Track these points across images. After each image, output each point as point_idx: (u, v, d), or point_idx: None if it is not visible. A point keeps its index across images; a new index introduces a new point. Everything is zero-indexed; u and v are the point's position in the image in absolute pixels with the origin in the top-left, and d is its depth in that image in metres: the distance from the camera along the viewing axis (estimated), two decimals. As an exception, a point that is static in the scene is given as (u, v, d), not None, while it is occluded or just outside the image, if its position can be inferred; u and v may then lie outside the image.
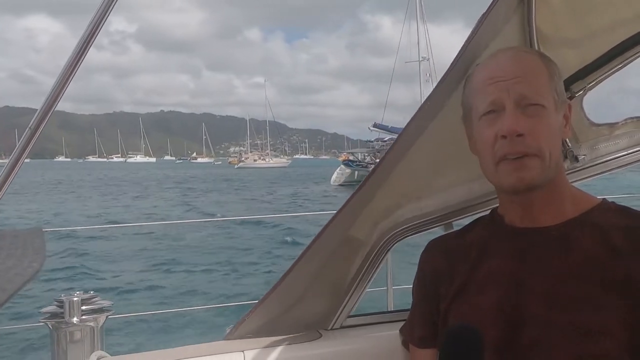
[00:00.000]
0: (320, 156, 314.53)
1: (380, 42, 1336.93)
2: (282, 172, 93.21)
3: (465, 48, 1.37)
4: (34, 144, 1.15)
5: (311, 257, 1.56)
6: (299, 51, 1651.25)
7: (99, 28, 1.16)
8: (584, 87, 1.49)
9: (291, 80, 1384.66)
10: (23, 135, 1.16)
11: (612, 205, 1.24)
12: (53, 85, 1.16)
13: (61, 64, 1.15)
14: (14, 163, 1.14)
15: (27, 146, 1.14)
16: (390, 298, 3.16)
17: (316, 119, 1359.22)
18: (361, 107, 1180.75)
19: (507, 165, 1.17)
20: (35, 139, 1.15)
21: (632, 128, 1.54)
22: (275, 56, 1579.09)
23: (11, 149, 1.17)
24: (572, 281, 1.13)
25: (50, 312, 1.46)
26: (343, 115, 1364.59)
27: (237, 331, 1.60)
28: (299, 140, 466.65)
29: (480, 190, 1.53)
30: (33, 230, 0.76)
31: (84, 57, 1.16)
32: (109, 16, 1.17)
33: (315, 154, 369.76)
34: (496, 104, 1.18)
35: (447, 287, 1.30)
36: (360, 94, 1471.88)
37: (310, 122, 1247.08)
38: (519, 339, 1.14)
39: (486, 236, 1.30)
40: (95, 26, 1.15)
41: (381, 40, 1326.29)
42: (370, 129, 52.05)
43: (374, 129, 51.65)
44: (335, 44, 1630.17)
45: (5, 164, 1.14)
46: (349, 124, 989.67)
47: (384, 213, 1.59)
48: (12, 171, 1.13)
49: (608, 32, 1.45)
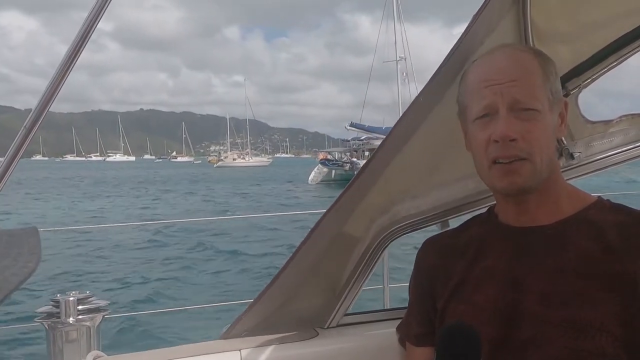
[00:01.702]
0: (302, 155, 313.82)
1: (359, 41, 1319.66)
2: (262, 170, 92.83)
3: (459, 44, 1.36)
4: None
5: (305, 254, 1.55)
6: (278, 50, 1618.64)
7: (94, 25, 1.15)
8: (579, 84, 1.49)
9: (271, 79, 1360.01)
10: (18, 135, 1.14)
11: (607, 203, 1.25)
12: (48, 84, 1.14)
13: (36, 61, 1.14)
14: (9, 162, 1.13)
15: (22, 145, 1.13)
16: (387, 296, 3.16)
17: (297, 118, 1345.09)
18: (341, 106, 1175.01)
19: (499, 169, 1.18)
20: (30, 138, 1.14)
21: (627, 125, 1.56)
22: (255, 55, 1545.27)
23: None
24: (567, 278, 1.14)
25: (46, 312, 1.44)
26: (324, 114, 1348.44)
27: (233, 330, 1.59)
28: (280, 139, 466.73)
29: (476, 187, 1.53)
30: (28, 230, 0.75)
31: (80, 55, 1.15)
32: (104, 14, 1.16)
33: (297, 153, 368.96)
34: (490, 107, 1.18)
35: (443, 285, 1.30)
36: (340, 93, 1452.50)
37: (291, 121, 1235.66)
38: (516, 336, 1.15)
39: (482, 234, 1.31)
40: (91, 23, 1.14)
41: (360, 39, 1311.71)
42: (347, 129, 52.06)
43: (350, 128, 51.63)
44: (314, 43, 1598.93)
45: (2, 162, 1.13)
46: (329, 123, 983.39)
47: (379, 210, 1.58)
48: (7, 171, 1.12)
49: (603, 27, 1.46)
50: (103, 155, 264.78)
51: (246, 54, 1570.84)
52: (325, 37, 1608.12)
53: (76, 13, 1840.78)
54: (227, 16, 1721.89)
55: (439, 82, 1.41)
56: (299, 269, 1.57)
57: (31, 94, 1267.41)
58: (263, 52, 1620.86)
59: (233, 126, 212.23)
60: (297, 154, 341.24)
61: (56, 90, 1.14)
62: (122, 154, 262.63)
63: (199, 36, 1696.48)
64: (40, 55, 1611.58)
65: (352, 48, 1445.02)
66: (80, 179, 68.17)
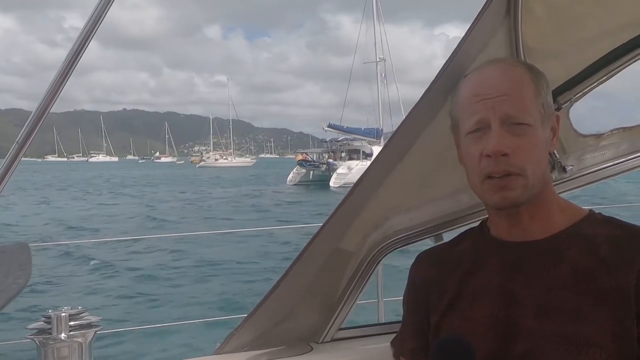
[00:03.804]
0: (286, 155, 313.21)
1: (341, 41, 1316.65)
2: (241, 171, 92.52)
3: (451, 60, 1.37)
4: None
5: (300, 269, 1.55)
6: (260, 50, 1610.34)
7: (98, 23, 1.14)
8: (570, 98, 1.50)
9: (254, 79, 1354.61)
10: (20, 134, 1.14)
11: (599, 216, 1.25)
12: (50, 83, 1.14)
13: (14, 60, 1.13)
14: (10, 163, 1.12)
15: (24, 145, 1.12)
16: (381, 310, 3.16)
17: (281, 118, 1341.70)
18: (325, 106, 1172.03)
19: (492, 184, 1.19)
20: (32, 138, 1.13)
21: (618, 139, 1.57)
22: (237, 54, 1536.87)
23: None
24: (562, 293, 1.14)
25: (37, 327, 1.42)
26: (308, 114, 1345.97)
27: (227, 345, 1.59)
28: (264, 139, 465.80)
29: (469, 201, 1.53)
30: (19, 246, 0.74)
31: (83, 53, 1.14)
32: (108, 12, 1.15)
33: (281, 153, 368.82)
34: (482, 122, 1.19)
35: (438, 299, 1.30)
36: (323, 93, 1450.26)
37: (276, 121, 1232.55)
38: (510, 351, 1.15)
39: (476, 249, 1.31)
40: (95, 21, 1.13)
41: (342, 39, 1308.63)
42: (324, 129, 51.87)
43: (328, 129, 51.40)
44: (296, 42, 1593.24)
45: (2, 164, 1.12)
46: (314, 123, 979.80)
47: (373, 224, 1.58)
48: (8, 171, 1.11)
49: (593, 42, 1.47)
50: (86, 156, 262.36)
51: (228, 53, 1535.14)
52: (307, 36, 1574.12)
53: (53, 11, 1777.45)
54: (207, 15, 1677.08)
55: (431, 98, 1.41)
56: (293, 284, 1.57)
57: (8, 93, 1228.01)
58: (245, 52, 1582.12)
59: (217, 126, 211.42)
60: (282, 154, 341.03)
61: (59, 89, 1.15)
62: (104, 154, 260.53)
63: (179, 35, 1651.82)
64: (18, 53, 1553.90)
65: (334, 48, 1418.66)
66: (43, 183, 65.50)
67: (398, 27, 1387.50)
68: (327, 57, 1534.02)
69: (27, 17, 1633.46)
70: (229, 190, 46.46)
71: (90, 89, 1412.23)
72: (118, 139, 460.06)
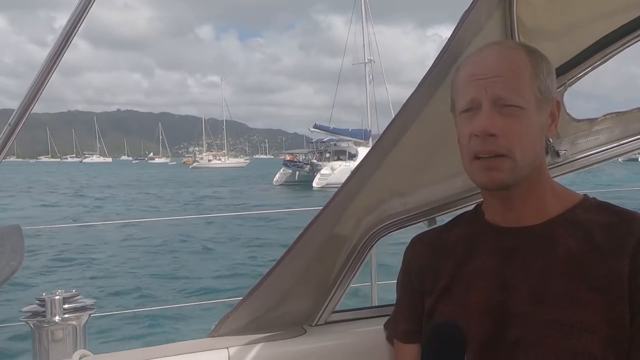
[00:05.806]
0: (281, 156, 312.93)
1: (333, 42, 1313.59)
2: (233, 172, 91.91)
3: (448, 45, 1.37)
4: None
5: (296, 254, 1.55)
6: (253, 50, 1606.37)
7: (80, 21, 1.13)
8: (564, 82, 1.51)
9: (247, 80, 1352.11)
10: (2, 132, 1.12)
11: (593, 202, 1.25)
12: (33, 80, 1.13)
13: (5, 60, 1.12)
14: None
15: (6, 144, 1.11)
16: (375, 293, 3.17)
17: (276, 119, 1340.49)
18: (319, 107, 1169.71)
19: (480, 164, 1.19)
20: (15, 136, 1.12)
21: (612, 124, 1.57)
22: (229, 55, 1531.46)
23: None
24: (556, 279, 1.14)
25: (31, 311, 1.42)
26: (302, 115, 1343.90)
27: (221, 328, 1.59)
28: (259, 140, 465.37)
29: (463, 185, 1.54)
30: (11, 228, 0.74)
31: (65, 51, 1.13)
32: (91, 9, 1.14)
33: (276, 154, 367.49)
34: (474, 102, 1.19)
35: (431, 283, 1.31)
36: (317, 94, 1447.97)
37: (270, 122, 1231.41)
38: (504, 336, 1.16)
39: (471, 234, 1.31)
40: (76, 19, 1.12)
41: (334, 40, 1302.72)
42: (310, 130, 51.46)
43: (314, 129, 50.97)
44: (288, 43, 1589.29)
45: None
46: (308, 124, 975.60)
47: (367, 209, 1.59)
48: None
49: (588, 26, 1.47)
50: (79, 157, 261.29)
51: (220, 54, 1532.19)
52: (299, 37, 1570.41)
53: (43, 12, 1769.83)
54: (199, 16, 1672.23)
55: (428, 83, 1.41)
56: (288, 268, 1.57)
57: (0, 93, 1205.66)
58: (237, 53, 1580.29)
59: (210, 127, 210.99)
60: (277, 155, 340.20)
61: (41, 87, 1.12)
62: (98, 155, 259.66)
63: (171, 36, 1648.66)
64: (9, 54, 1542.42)
65: (326, 49, 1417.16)
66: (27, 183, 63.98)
67: (391, 28, 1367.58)
68: (320, 58, 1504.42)
69: (17, 18, 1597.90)
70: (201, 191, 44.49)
71: (82, 89, 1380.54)
72: (112, 139, 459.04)
